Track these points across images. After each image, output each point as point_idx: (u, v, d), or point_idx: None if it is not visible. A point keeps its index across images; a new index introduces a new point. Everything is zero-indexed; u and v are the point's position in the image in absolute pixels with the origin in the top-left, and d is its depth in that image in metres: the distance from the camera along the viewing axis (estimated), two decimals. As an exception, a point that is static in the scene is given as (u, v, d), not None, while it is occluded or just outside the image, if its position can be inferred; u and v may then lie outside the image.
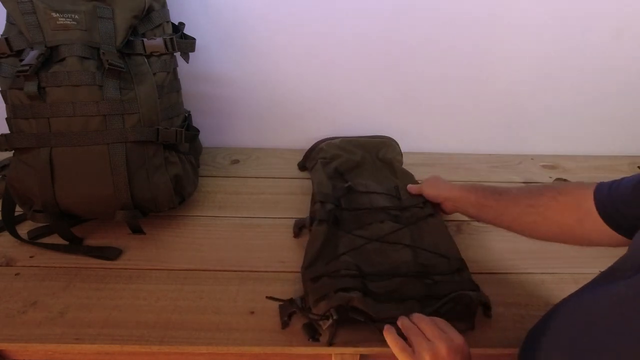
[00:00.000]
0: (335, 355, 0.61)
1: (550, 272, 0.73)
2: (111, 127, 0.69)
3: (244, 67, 0.98)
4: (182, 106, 0.85)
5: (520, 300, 0.68)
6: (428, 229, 0.75)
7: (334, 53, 0.96)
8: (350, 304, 0.58)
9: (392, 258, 0.70)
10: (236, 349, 0.60)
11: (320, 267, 0.66)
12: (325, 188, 0.83)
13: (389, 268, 0.68)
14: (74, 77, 0.67)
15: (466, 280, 0.65)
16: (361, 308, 0.58)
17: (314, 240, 0.71)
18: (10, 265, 0.72)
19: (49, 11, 0.67)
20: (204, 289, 0.68)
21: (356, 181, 0.88)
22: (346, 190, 0.84)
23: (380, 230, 0.75)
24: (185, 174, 0.81)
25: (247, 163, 1.03)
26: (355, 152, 0.95)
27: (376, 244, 0.73)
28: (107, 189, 0.70)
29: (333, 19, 0.91)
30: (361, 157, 0.94)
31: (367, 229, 0.76)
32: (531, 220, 0.60)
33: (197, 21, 0.90)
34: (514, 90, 1.02)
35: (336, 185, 0.85)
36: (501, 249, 0.78)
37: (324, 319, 0.58)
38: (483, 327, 0.62)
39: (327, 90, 1.01)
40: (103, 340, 0.59)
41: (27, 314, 0.63)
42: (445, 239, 0.74)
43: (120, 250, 0.75)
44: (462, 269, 0.67)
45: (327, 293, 0.60)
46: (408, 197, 0.83)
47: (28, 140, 0.68)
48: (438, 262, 0.69)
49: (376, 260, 0.69)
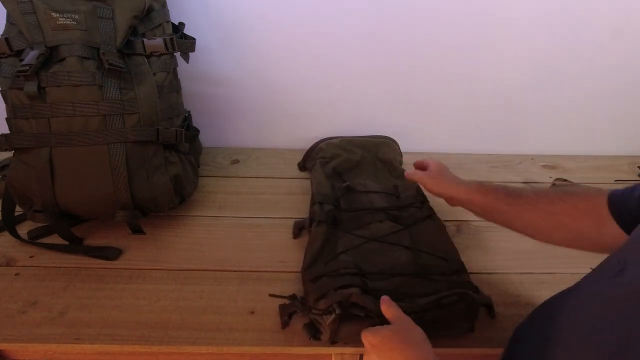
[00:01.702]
0: (335, 355, 0.61)
1: (550, 272, 0.73)
2: (111, 127, 0.69)
3: (244, 67, 0.98)
4: (182, 106, 0.85)
5: (520, 300, 0.68)
6: (427, 231, 0.76)
7: (334, 53, 0.96)
8: (349, 300, 0.58)
9: (391, 258, 0.70)
10: (236, 349, 0.60)
11: (319, 267, 0.66)
12: (324, 188, 0.83)
13: (388, 267, 0.68)
14: (74, 77, 0.67)
15: (465, 282, 0.66)
16: (360, 303, 0.58)
17: (313, 242, 0.71)
18: (10, 265, 0.72)
19: (49, 11, 0.67)
20: (204, 289, 0.68)
21: (355, 181, 0.88)
22: (345, 190, 0.84)
23: (379, 230, 0.75)
24: (185, 174, 0.81)
25: (247, 163, 1.03)
26: (354, 152, 0.95)
27: (375, 244, 0.73)
28: (107, 189, 0.70)
29: (333, 19, 0.91)
30: (360, 157, 0.94)
31: (367, 229, 0.76)
32: (549, 226, 0.59)
33: (197, 21, 0.90)
34: (514, 90, 1.02)
35: (335, 185, 0.85)
36: (501, 249, 0.78)
37: (327, 314, 0.58)
38: (483, 327, 0.63)
39: (327, 90, 1.01)
40: (103, 340, 0.59)
41: (27, 314, 0.63)
42: (444, 241, 0.74)
43: (120, 250, 0.75)
44: (461, 271, 0.68)
45: (327, 291, 0.60)
46: (407, 196, 0.83)
47: (28, 140, 0.68)
48: (437, 264, 0.69)
49: (375, 260, 0.69)
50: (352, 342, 0.60)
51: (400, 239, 0.74)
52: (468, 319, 0.61)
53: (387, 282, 0.65)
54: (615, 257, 0.45)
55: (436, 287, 0.64)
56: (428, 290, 0.63)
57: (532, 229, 0.61)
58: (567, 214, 0.57)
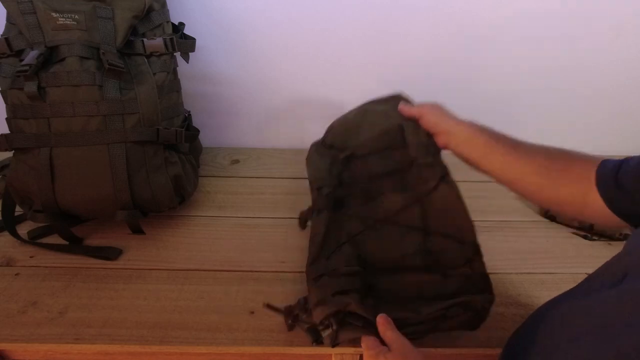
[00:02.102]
0: (335, 355, 0.61)
1: (550, 272, 0.73)
2: (111, 127, 0.69)
3: (244, 67, 0.98)
4: (182, 106, 0.85)
5: (520, 300, 0.68)
6: (440, 200, 0.64)
7: (334, 53, 0.96)
8: (347, 309, 0.56)
9: (399, 246, 0.64)
10: (236, 349, 0.60)
11: (321, 263, 0.62)
12: (319, 172, 0.73)
13: (394, 258, 0.63)
14: (74, 77, 0.67)
15: (477, 275, 0.60)
16: (359, 313, 0.56)
17: (315, 234, 0.66)
18: (10, 265, 0.72)
19: (49, 11, 0.67)
20: (204, 289, 0.68)
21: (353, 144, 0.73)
22: (345, 161, 0.72)
23: (387, 205, 0.66)
24: (185, 174, 0.81)
25: (247, 163, 1.03)
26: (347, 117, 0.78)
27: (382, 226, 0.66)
28: (107, 189, 0.70)
29: (333, 19, 0.91)
30: (354, 116, 0.77)
31: (373, 204, 0.67)
32: (539, 182, 0.56)
33: (197, 21, 0.90)
34: (513, 90, 1.02)
35: (333, 161, 0.73)
36: (501, 249, 0.78)
37: (325, 328, 0.57)
38: (483, 327, 0.62)
39: (327, 90, 1.01)
40: (103, 340, 0.59)
41: (27, 314, 0.63)
42: (459, 212, 0.63)
43: (120, 250, 0.75)
44: (475, 258, 0.61)
45: (325, 297, 0.58)
46: (417, 145, 0.67)
47: (28, 140, 0.68)
48: (449, 248, 0.62)
49: (381, 247, 0.64)
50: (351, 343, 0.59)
51: (409, 216, 0.65)
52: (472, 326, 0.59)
53: (392, 281, 0.61)
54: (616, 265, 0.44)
55: (447, 286, 0.59)
56: (438, 290, 0.59)
57: (523, 182, 0.58)
58: (560, 174, 0.55)
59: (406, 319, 0.56)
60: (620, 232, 0.79)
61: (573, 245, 0.80)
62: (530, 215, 0.87)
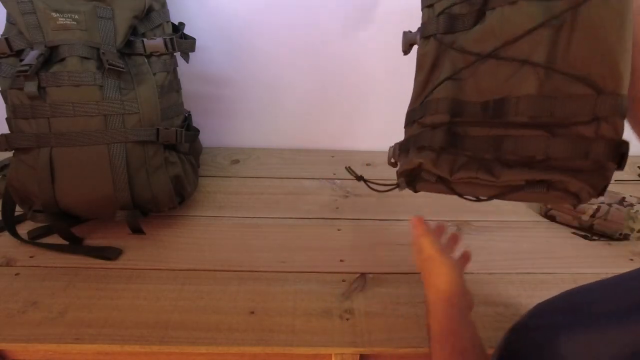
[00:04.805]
0: (335, 355, 0.61)
1: (550, 272, 0.73)
2: (111, 127, 0.69)
3: (244, 67, 0.98)
4: (182, 106, 0.85)
5: (521, 301, 0.68)
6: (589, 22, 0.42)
7: (335, 53, 0.96)
8: (421, 167, 0.52)
9: (506, 85, 0.47)
10: (236, 349, 0.60)
11: (417, 108, 0.55)
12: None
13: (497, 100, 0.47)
14: (74, 77, 0.67)
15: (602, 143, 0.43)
16: (433, 171, 0.51)
17: (419, 70, 0.56)
18: (10, 265, 0.72)
19: (49, 11, 0.67)
20: (204, 289, 0.68)
21: None
22: None
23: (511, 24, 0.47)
24: (185, 174, 0.81)
25: (247, 163, 1.03)
26: None
27: (491, 61, 0.48)
28: (107, 189, 0.70)
29: (334, 19, 0.91)
30: None
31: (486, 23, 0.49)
32: None
33: (197, 21, 0.90)
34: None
35: None
36: (501, 249, 0.78)
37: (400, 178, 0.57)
38: (483, 327, 0.63)
39: (327, 90, 1.01)
40: (103, 340, 0.59)
41: (27, 314, 0.63)
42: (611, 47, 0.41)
43: (120, 250, 0.75)
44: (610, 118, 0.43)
45: (409, 147, 0.55)
46: None
47: (28, 140, 0.68)
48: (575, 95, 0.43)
49: (481, 90, 0.49)
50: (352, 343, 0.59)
51: (533, 46, 0.45)
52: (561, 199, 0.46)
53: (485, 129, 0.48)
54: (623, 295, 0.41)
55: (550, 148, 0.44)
56: (538, 150, 0.44)
57: None
58: None
59: (477, 179, 0.48)
60: (621, 232, 0.79)
61: (573, 245, 0.79)
62: (530, 215, 0.87)
